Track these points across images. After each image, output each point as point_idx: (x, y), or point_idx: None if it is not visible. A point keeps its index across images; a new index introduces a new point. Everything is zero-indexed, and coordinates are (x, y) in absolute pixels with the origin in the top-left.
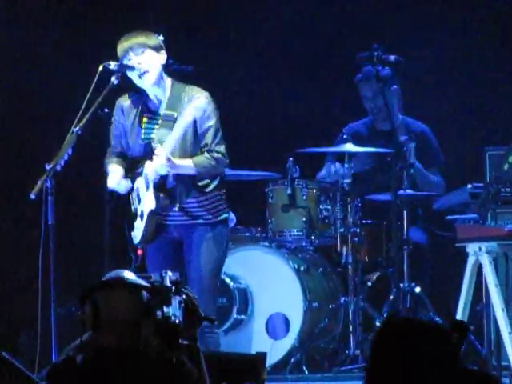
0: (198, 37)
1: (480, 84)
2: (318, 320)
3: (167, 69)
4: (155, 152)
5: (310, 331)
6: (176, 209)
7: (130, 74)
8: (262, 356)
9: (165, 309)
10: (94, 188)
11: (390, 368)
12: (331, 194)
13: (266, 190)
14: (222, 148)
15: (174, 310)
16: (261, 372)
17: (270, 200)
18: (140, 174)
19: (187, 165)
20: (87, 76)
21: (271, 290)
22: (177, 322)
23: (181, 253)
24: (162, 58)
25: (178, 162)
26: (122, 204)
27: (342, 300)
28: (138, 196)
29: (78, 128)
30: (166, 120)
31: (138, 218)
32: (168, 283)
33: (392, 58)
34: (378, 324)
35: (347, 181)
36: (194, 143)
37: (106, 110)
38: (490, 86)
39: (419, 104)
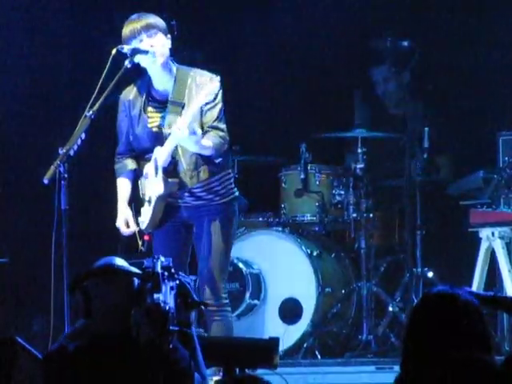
0: (208, 24)
1: (490, 68)
2: (330, 305)
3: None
4: (177, 125)
5: (323, 316)
6: (186, 193)
7: (139, 57)
8: (274, 341)
9: (155, 295)
10: (107, 173)
11: (426, 340)
12: (344, 179)
13: (279, 174)
14: (223, 125)
15: (164, 297)
16: (274, 357)
17: (283, 185)
18: (149, 160)
19: (205, 142)
20: (100, 60)
21: (284, 274)
22: (167, 308)
23: (189, 234)
24: (169, 41)
25: (197, 138)
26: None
27: (355, 285)
28: (147, 182)
29: (91, 112)
30: (174, 106)
31: (146, 204)
32: (159, 269)
33: (406, 43)
34: (390, 309)
35: (360, 166)
36: (199, 122)
37: (118, 95)
38: (501, 70)
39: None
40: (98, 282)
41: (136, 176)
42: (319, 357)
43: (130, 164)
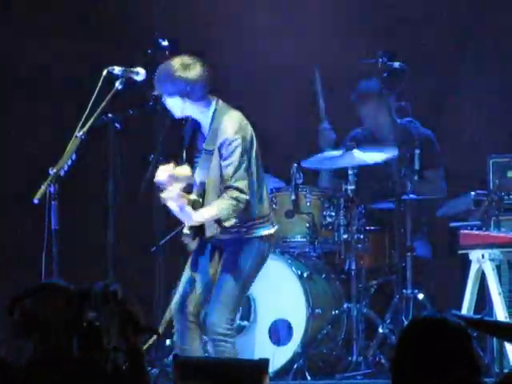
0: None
1: (485, 91)
2: (320, 326)
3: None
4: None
5: (313, 337)
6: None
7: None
8: (264, 362)
9: (90, 314)
10: (97, 193)
11: (415, 364)
12: (335, 200)
13: (270, 196)
14: (241, 183)
15: (100, 316)
16: (263, 378)
17: (273, 206)
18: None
19: (209, 214)
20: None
21: (274, 295)
22: (99, 325)
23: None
24: (190, 99)
25: (198, 216)
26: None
27: (345, 306)
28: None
29: (81, 133)
30: (206, 153)
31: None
32: (97, 291)
33: (396, 64)
34: (380, 331)
35: (351, 187)
36: (220, 174)
37: (109, 116)
38: (495, 94)
39: (423, 111)
40: (36, 300)
41: None
42: (309, 378)
43: None
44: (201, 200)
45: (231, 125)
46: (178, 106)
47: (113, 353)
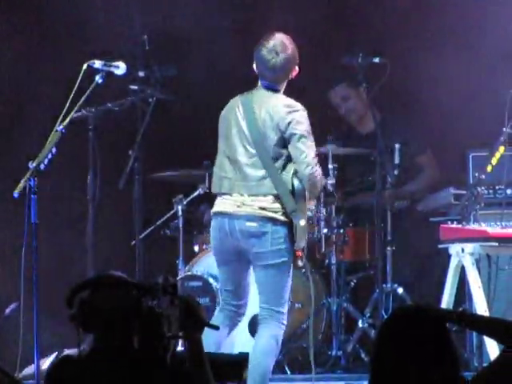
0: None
1: (463, 84)
2: (300, 321)
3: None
4: None
5: (293, 332)
6: None
7: None
8: (244, 356)
9: (150, 302)
10: (77, 186)
11: (394, 356)
12: None
13: None
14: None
15: (160, 304)
16: (243, 372)
17: None
18: None
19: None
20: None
21: (254, 290)
22: (160, 312)
23: None
24: None
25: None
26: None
27: (325, 301)
28: None
29: (61, 127)
30: None
31: None
32: (157, 281)
33: (377, 59)
34: (360, 325)
35: (331, 182)
36: None
37: (89, 109)
38: (472, 86)
39: (403, 105)
40: (94, 291)
41: None
42: (288, 372)
43: None
44: None
45: None
46: None
47: (173, 342)
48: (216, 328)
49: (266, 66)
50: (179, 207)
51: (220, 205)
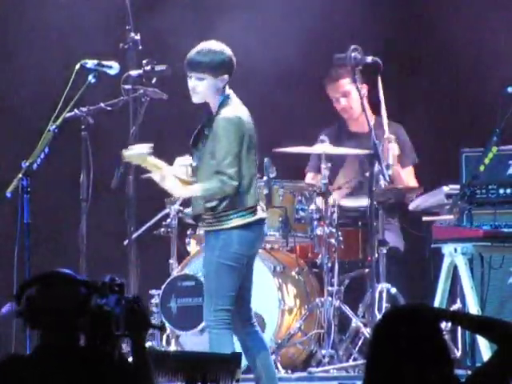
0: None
1: (455, 85)
2: (293, 320)
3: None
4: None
5: (286, 331)
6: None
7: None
8: (237, 356)
9: (98, 300)
10: (70, 186)
11: (388, 356)
12: (308, 194)
13: None
14: (230, 170)
15: (109, 303)
16: (236, 372)
17: None
18: None
19: (192, 191)
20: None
21: None
22: (110, 311)
23: None
24: (218, 81)
25: (181, 190)
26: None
27: (318, 300)
28: None
29: (54, 126)
30: (205, 138)
31: None
32: (104, 281)
33: (369, 59)
34: (353, 325)
35: (324, 181)
36: (210, 164)
37: (82, 109)
38: (466, 85)
39: (395, 105)
40: (42, 287)
41: None
42: (282, 372)
43: None
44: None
45: (225, 112)
46: (203, 87)
47: (120, 340)
48: (161, 329)
49: None
50: (172, 207)
51: (260, 212)
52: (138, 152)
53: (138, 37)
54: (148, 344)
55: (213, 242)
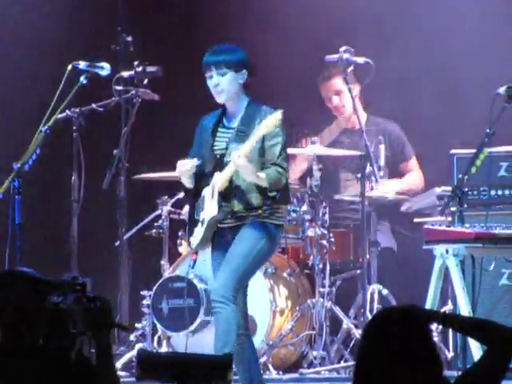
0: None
1: (448, 86)
2: (285, 321)
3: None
4: (237, 152)
5: (277, 332)
6: (233, 216)
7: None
8: (228, 357)
9: (55, 298)
10: (61, 187)
11: (378, 356)
12: (299, 195)
13: None
14: (285, 164)
15: (67, 301)
16: (228, 373)
17: None
18: (208, 184)
19: (260, 175)
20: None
21: None
22: (64, 308)
23: None
24: (241, 77)
25: (254, 169)
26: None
27: (310, 301)
28: (203, 204)
29: (46, 127)
30: (239, 135)
31: (199, 224)
32: (64, 279)
33: (361, 60)
34: (345, 326)
35: (315, 183)
36: (258, 160)
37: (73, 110)
38: (459, 88)
39: (387, 106)
40: (0, 287)
41: (194, 196)
42: (273, 373)
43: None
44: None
45: (274, 111)
46: (226, 82)
47: (78, 339)
48: (126, 329)
49: None
50: (164, 208)
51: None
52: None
53: (129, 38)
54: (140, 345)
55: (261, 230)
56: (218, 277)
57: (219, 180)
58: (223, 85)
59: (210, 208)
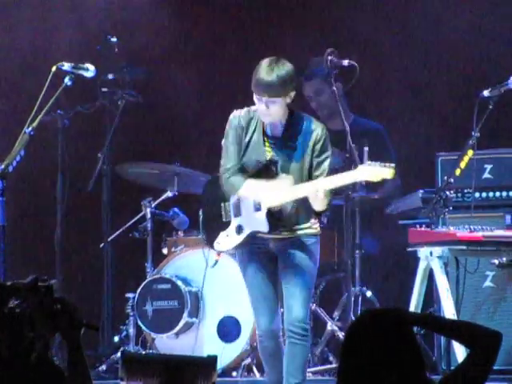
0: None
1: (431, 88)
2: None
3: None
4: (314, 185)
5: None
6: (285, 232)
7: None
8: (213, 359)
9: (11, 302)
10: (46, 189)
11: (361, 358)
12: None
13: None
14: None
15: (24, 304)
16: (212, 375)
17: None
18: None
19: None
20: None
21: (223, 293)
22: (20, 311)
23: (272, 264)
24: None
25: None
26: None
27: None
28: (239, 210)
29: (30, 129)
30: (287, 149)
31: (232, 229)
32: (25, 282)
33: (345, 62)
34: (329, 328)
35: None
36: (308, 170)
37: (58, 112)
38: (441, 90)
39: (371, 108)
40: None
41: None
42: (257, 375)
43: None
44: None
45: (318, 123)
46: (278, 107)
47: (38, 342)
48: (95, 328)
49: None
50: (148, 209)
51: None
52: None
53: (114, 39)
54: (126, 348)
55: (310, 243)
56: (295, 306)
57: (273, 198)
58: (272, 111)
59: (256, 221)
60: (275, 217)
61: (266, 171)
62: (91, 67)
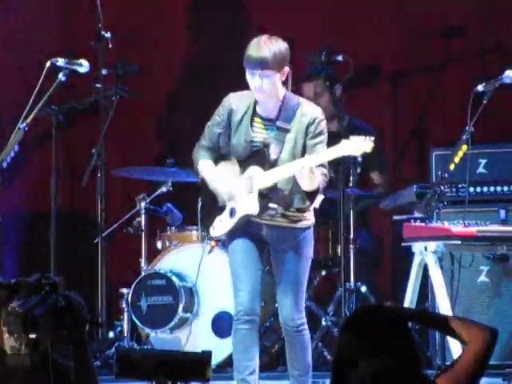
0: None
1: (425, 84)
2: (263, 319)
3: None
4: (301, 162)
5: None
6: (278, 215)
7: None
8: (207, 354)
9: (15, 302)
10: (39, 183)
11: (354, 355)
12: None
13: None
14: (327, 166)
15: (26, 304)
16: (206, 370)
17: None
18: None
19: (315, 183)
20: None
21: (217, 288)
22: (21, 312)
23: (263, 251)
24: (284, 75)
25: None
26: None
27: None
28: (235, 193)
29: (24, 124)
30: (281, 131)
31: (226, 213)
32: (29, 281)
33: (340, 57)
34: (323, 323)
35: None
36: (301, 154)
37: (52, 107)
38: (435, 85)
39: (365, 103)
40: None
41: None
42: None
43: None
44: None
45: (313, 106)
46: (270, 83)
47: (41, 343)
48: (99, 325)
49: None
50: (142, 205)
51: None
52: None
53: (108, 35)
54: (121, 344)
55: (302, 237)
56: (286, 304)
57: (262, 179)
58: (265, 86)
59: (247, 203)
60: (266, 198)
61: (257, 153)
62: (85, 63)
